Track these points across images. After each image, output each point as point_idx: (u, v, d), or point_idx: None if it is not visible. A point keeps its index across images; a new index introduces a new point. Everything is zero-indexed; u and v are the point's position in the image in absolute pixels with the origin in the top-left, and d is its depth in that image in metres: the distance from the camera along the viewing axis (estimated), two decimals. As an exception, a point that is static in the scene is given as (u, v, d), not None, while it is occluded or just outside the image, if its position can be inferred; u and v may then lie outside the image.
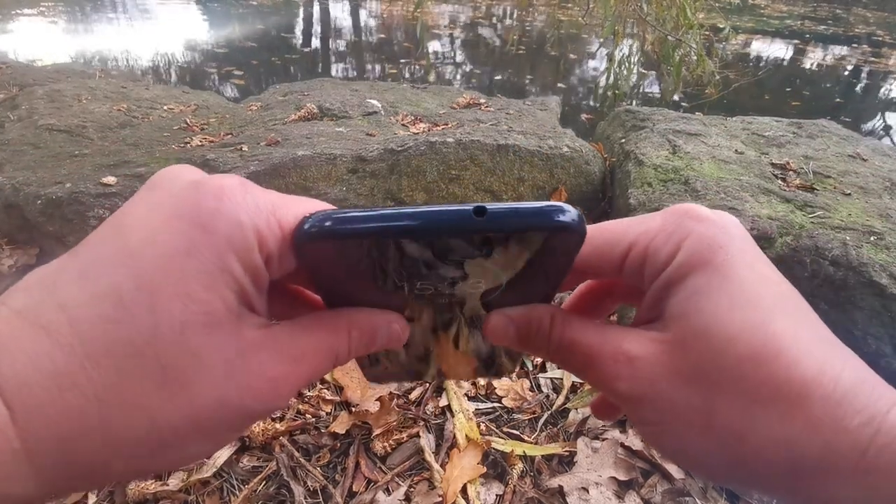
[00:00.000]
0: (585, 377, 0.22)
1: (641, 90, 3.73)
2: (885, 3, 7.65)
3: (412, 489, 0.81)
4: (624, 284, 0.25)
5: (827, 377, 0.18)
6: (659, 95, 3.53)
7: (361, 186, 1.26)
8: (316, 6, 5.93)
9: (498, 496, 0.80)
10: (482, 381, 0.99)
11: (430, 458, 0.84)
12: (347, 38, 4.94)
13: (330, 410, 0.92)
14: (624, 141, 1.48)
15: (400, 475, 0.83)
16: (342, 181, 1.25)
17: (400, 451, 0.86)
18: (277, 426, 0.86)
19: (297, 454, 0.84)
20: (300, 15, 5.53)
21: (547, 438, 0.90)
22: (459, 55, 4.52)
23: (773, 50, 5.14)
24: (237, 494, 0.78)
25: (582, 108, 3.39)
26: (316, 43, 4.66)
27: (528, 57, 4.43)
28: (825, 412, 0.17)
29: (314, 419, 0.90)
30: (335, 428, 0.88)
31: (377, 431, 0.87)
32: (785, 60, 4.82)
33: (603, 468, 0.84)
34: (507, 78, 3.89)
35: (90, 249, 0.18)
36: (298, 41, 4.56)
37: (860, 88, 4.38)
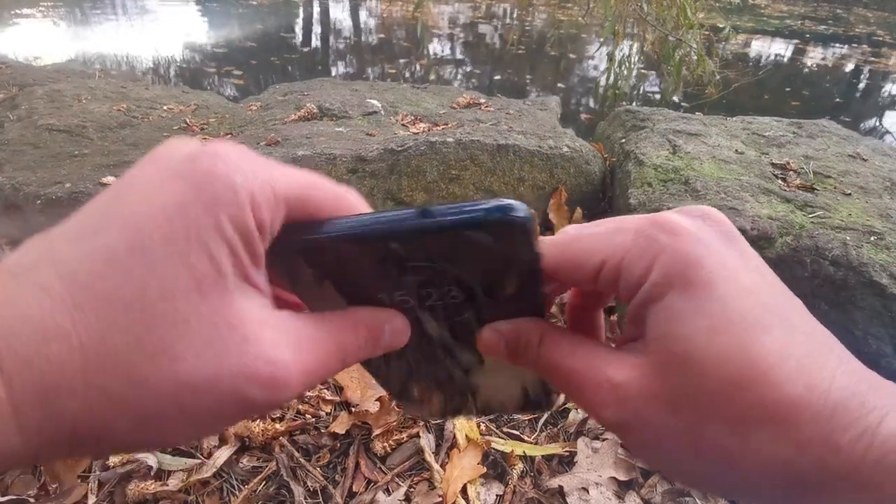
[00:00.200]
0: (573, 399, 0.22)
1: (641, 90, 3.73)
2: (885, 3, 7.65)
3: (412, 489, 0.81)
4: None
5: (815, 394, 0.17)
6: (659, 95, 3.53)
7: (361, 186, 1.26)
8: (316, 6, 5.93)
9: (498, 496, 0.80)
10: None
11: (430, 458, 0.84)
12: (347, 37, 4.94)
13: (330, 410, 0.92)
14: (624, 141, 1.48)
15: (400, 475, 0.83)
16: (342, 181, 1.25)
17: (400, 451, 0.86)
18: (277, 426, 0.86)
19: (296, 454, 0.84)
20: (300, 15, 5.53)
21: (547, 438, 0.90)
22: (459, 55, 4.52)
23: (773, 50, 5.14)
24: (237, 494, 0.78)
25: (582, 107, 3.39)
26: (316, 43, 4.66)
27: (527, 57, 4.43)
28: (815, 431, 0.17)
29: (314, 419, 0.90)
30: (335, 428, 0.88)
31: (377, 431, 0.87)
32: (785, 60, 4.82)
33: (603, 468, 0.84)
34: (506, 78, 3.89)
35: (88, 212, 0.18)
36: (298, 41, 4.56)
37: (860, 88, 4.38)
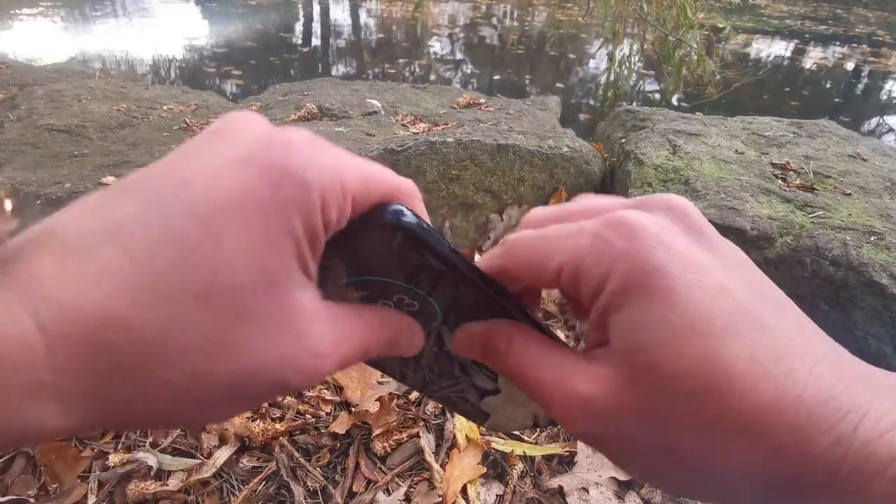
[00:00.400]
0: (544, 410, 0.21)
1: (641, 90, 3.73)
2: (885, 3, 7.65)
3: (412, 489, 0.81)
4: None
5: (785, 401, 0.17)
6: (659, 95, 3.53)
7: (361, 186, 1.26)
8: (316, 6, 5.93)
9: (498, 496, 0.80)
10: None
11: (430, 458, 0.84)
12: (347, 37, 4.94)
13: (330, 410, 0.92)
14: (624, 141, 1.48)
15: (400, 475, 0.83)
16: (342, 181, 1.25)
17: (400, 451, 0.86)
18: (277, 426, 0.86)
19: (296, 454, 0.84)
20: (300, 14, 5.53)
21: (547, 438, 0.90)
22: (459, 55, 4.52)
23: (773, 50, 5.14)
24: (237, 494, 0.78)
25: (582, 107, 3.39)
26: (316, 42, 4.66)
27: (527, 57, 4.43)
28: (788, 438, 0.16)
29: (314, 419, 0.90)
30: (335, 428, 0.88)
31: (377, 431, 0.87)
32: (785, 60, 4.82)
33: (603, 468, 0.84)
34: (506, 78, 3.89)
35: (149, 186, 0.17)
36: (298, 41, 4.56)
37: (860, 88, 4.38)
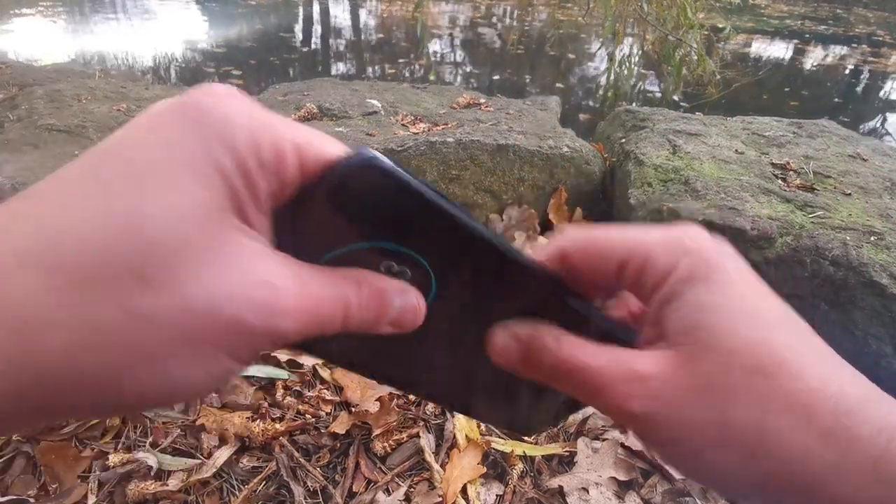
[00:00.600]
0: (593, 400, 0.21)
1: (641, 90, 3.73)
2: (885, 3, 7.65)
3: (412, 489, 0.81)
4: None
5: (830, 391, 0.18)
6: (659, 95, 3.53)
7: (361, 186, 1.26)
8: (316, 6, 5.93)
9: (498, 496, 0.80)
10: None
11: (430, 458, 0.84)
12: (347, 37, 4.94)
13: (330, 410, 0.92)
14: (624, 141, 1.48)
15: (400, 475, 0.83)
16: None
17: (400, 451, 0.86)
18: (277, 426, 0.86)
19: (296, 454, 0.84)
20: (300, 14, 5.53)
21: (547, 438, 0.90)
22: (459, 55, 4.52)
23: (772, 50, 5.14)
24: (237, 494, 0.78)
25: (582, 107, 3.39)
26: (315, 42, 4.66)
27: (527, 57, 4.43)
28: (835, 421, 0.18)
29: (314, 419, 0.90)
30: (335, 428, 0.88)
31: (377, 431, 0.87)
32: (785, 60, 4.82)
33: (603, 468, 0.84)
34: (506, 78, 3.89)
35: (95, 148, 0.17)
36: (298, 41, 4.56)
37: (859, 88, 4.38)
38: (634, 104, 2.66)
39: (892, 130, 3.47)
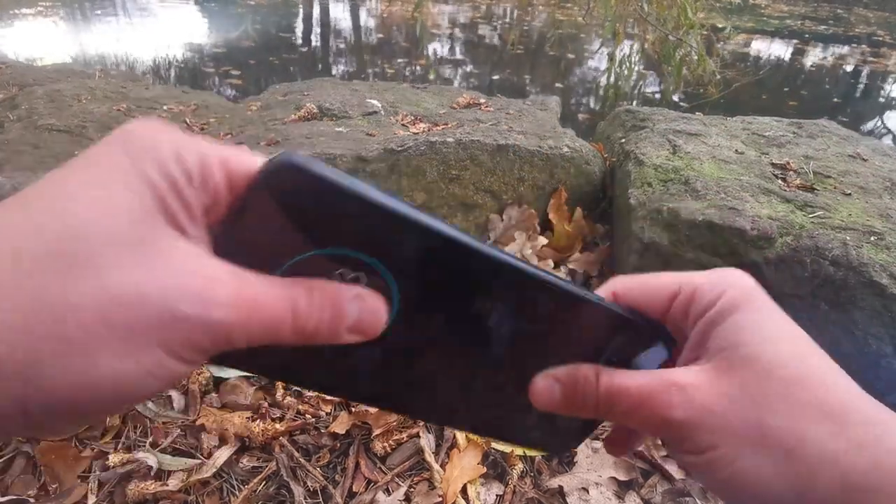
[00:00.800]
0: (634, 418, 0.23)
1: (641, 90, 3.73)
2: (885, 2, 7.65)
3: (412, 489, 0.81)
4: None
5: (860, 403, 0.20)
6: (659, 95, 3.53)
7: (361, 186, 1.26)
8: (316, 6, 5.93)
9: (498, 496, 0.80)
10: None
11: (430, 458, 0.84)
12: (347, 37, 4.94)
13: (330, 410, 0.92)
14: (624, 141, 1.48)
15: (400, 475, 0.83)
16: (342, 181, 1.25)
17: (400, 451, 0.86)
18: (277, 426, 0.86)
19: (296, 454, 0.84)
20: (300, 14, 5.52)
21: (547, 438, 0.90)
22: (459, 55, 4.52)
23: (772, 50, 5.14)
24: (237, 495, 0.78)
25: (582, 107, 3.39)
26: (315, 42, 4.66)
27: (527, 57, 4.43)
28: (869, 432, 0.19)
29: (314, 419, 0.90)
30: (335, 428, 0.88)
31: (377, 431, 0.87)
32: (785, 60, 4.82)
33: (603, 468, 0.84)
34: (506, 78, 3.89)
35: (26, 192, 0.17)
36: (298, 41, 4.56)
37: (858, 88, 4.38)
38: (634, 104, 2.66)
39: (892, 130, 3.47)
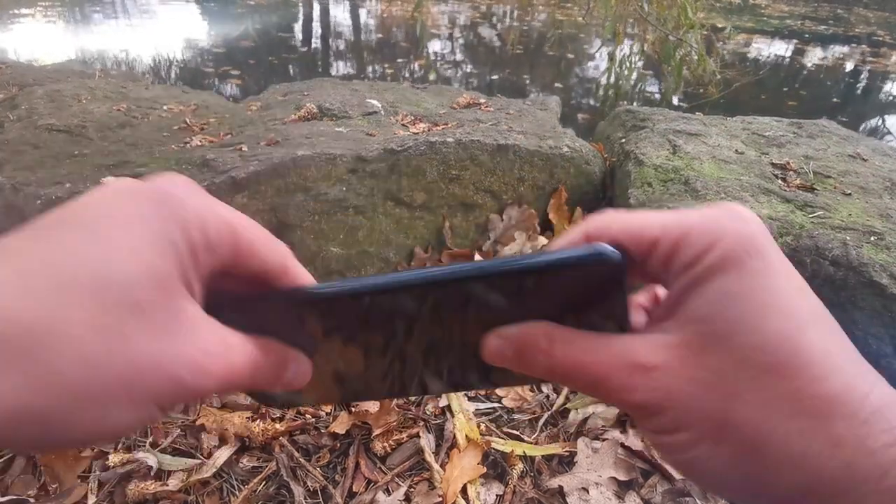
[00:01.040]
0: (593, 393, 0.21)
1: (641, 90, 3.73)
2: (885, 2, 7.65)
3: (412, 489, 0.81)
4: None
5: (855, 394, 0.18)
6: (659, 95, 3.53)
7: (361, 186, 1.26)
8: (316, 6, 5.93)
9: (498, 496, 0.80)
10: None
11: (430, 458, 0.84)
12: (347, 37, 4.93)
13: (330, 411, 0.92)
14: (624, 141, 1.48)
15: (400, 475, 0.82)
16: (342, 181, 1.25)
17: (400, 451, 0.86)
18: (277, 426, 0.86)
19: (296, 454, 0.84)
20: (299, 14, 5.52)
21: (547, 439, 0.90)
22: (459, 55, 4.52)
23: (772, 50, 5.14)
24: (237, 495, 0.78)
25: (582, 107, 3.39)
26: (315, 42, 4.66)
27: (527, 57, 4.43)
28: (849, 430, 0.17)
29: (314, 419, 0.90)
30: (335, 428, 0.88)
31: (377, 431, 0.87)
32: (784, 60, 4.82)
33: (603, 468, 0.84)
34: (506, 78, 3.89)
35: (44, 219, 0.18)
36: (297, 41, 4.56)
37: (858, 88, 4.38)
38: (634, 104, 2.66)
39: (892, 130, 3.47)
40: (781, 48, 5.25)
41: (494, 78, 3.89)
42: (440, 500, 0.78)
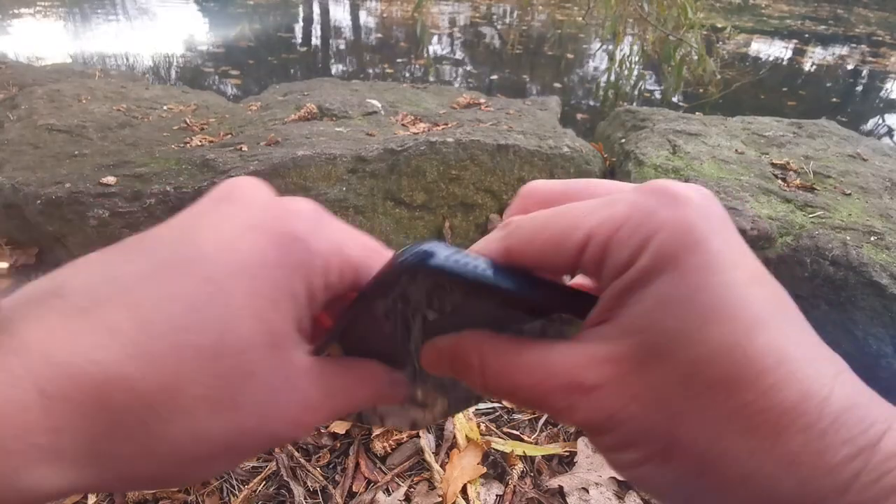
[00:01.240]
0: (536, 409, 0.21)
1: (641, 90, 3.73)
2: (885, 2, 7.65)
3: (412, 489, 0.81)
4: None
5: (812, 403, 0.16)
6: (659, 95, 3.53)
7: (361, 186, 1.26)
8: (315, 6, 5.93)
9: (498, 496, 0.80)
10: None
11: (430, 458, 0.84)
12: (347, 37, 4.94)
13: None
14: (624, 141, 1.48)
15: (400, 475, 0.83)
16: (342, 181, 1.25)
17: (400, 451, 0.86)
18: (277, 426, 0.86)
19: (296, 454, 0.84)
20: (299, 14, 5.53)
21: (547, 439, 0.90)
22: (459, 55, 4.52)
23: (772, 50, 5.14)
24: (237, 495, 0.78)
25: (582, 107, 3.39)
26: (315, 42, 4.66)
27: (527, 57, 4.43)
28: (804, 446, 0.15)
29: (314, 419, 0.90)
30: (335, 428, 0.88)
31: (377, 432, 0.87)
32: (784, 60, 4.82)
33: (603, 468, 0.84)
34: (506, 78, 3.89)
35: (160, 247, 0.18)
36: (297, 41, 4.56)
37: (857, 88, 4.38)
38: (634, 104, 2.66)
39: (892, 130, 3.47)
40: (781, 48, 5.25)
41: (494, 78, 3.89)
42: (440, 500, 0.78)
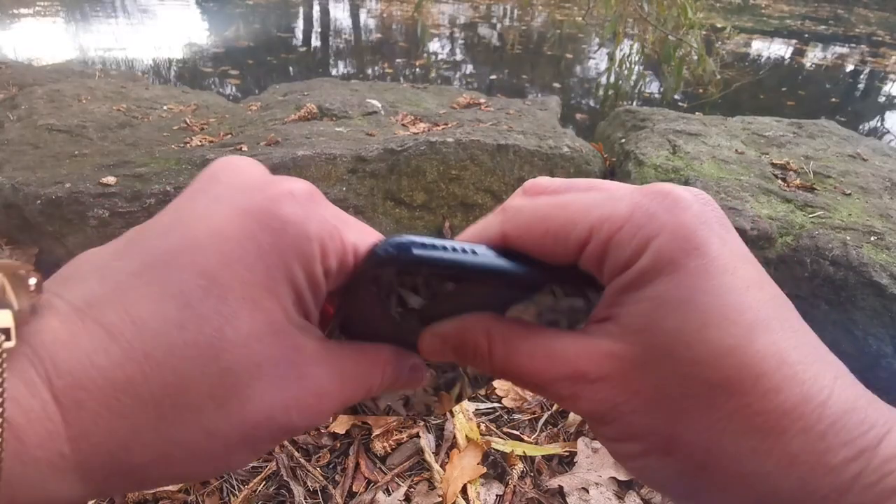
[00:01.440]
0: (541, 395, 0.21)
1: (641, 90, 3.73)
2: (885, 2, 7.65)
3: (412, 489, 0.81)
4: None
5: (811, 405, 0.16)
6: (659, 95, 3.53)
7: (361, 186, 1.26)
8: (315, 6, 5.93)
9: (498, 496, 0.80)
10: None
11: (430, 458, 0.84)
12: (347, 37, 4.94)
13: (330, 410, 0.92)
14: (624, 141, 1.48)
15: (400, 475, 0.83)
16: (342, 181, 1.25)
17: (400, 451, 0.86)
18: (277, 426, 0.86)
19: (296, 454, 0.84)
20: (299, 14, 5.52)
21: (547, 439, 0.90)
22: (459, 55, 4.52)
23: (772, 50, 5.14)
24: (237, 494, 0.78)
25: (582, 107, 3.39)
26: (315, 42, 4.66)
27: (527, 57, 4.43)
28: (805, 447, 0.16)
29: (314, 419, 0.90)
30: (335, 428, 0.88)
31: (377, 431, 0.87)
32: (784, 60, 4.82)
33: (603, 468, 0.84)
34: (506, 78, 3.89)
35: (151, 240, 0.18)
36: (297, 41, 4.56)
37: (857, 88, 4.38)
38: (634, 104, 2.66)
39: (892, 130, 3.47)
40: (781, 48, 5.25)
41: (494, 78, 3.89)
42: (440, 500, 0.78)
